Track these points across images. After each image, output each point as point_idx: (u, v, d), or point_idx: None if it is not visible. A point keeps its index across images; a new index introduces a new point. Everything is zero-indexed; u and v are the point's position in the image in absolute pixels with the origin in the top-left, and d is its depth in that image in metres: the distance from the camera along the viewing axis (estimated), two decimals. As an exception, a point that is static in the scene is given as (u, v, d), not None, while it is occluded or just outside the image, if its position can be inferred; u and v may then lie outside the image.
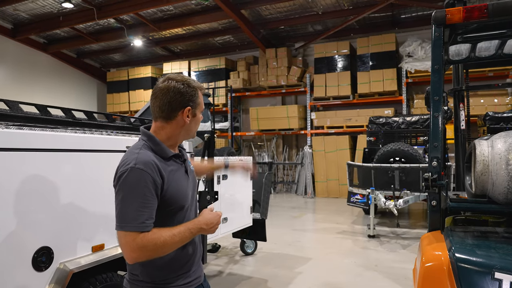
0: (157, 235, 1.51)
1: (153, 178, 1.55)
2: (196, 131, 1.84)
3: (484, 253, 1.69)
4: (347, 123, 11.91)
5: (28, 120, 2.25)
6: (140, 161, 1.56)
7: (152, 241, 1.50)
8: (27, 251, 2.07)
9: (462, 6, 2.76)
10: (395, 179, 6.82)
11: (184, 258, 1.71)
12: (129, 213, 1.50)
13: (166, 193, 1.60)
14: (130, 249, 1.49)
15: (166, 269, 1.65)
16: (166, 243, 1.52)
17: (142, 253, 1.51)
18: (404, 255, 5.60)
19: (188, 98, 1.68)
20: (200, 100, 1.75)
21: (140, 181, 1.53)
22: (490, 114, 8.23)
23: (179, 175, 1.71)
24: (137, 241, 1.49)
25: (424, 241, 1.99)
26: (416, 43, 10.96)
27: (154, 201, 1.56)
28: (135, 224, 1.49)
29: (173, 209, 1.65)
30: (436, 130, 2.13)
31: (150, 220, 1.53)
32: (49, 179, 2.20)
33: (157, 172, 1.57)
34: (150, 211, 1.54)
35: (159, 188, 1.57)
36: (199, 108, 1.74)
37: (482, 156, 1.92)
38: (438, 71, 2.28)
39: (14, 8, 12.15)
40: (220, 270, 4.98)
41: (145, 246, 1.49)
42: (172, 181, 1.65)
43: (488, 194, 1.98)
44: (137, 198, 1.52)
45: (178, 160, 1.75)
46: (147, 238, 1.50)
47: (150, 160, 1.58)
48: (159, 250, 1.52)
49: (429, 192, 2.06)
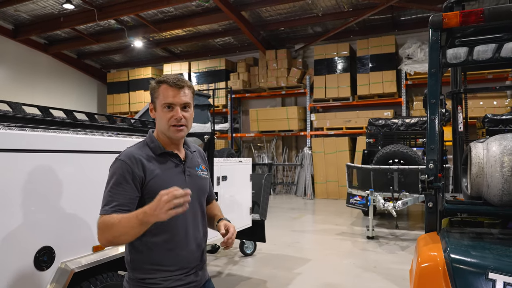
0: (108, 217, 1.57)
1: (131, 169, 1.64)
2: (170, 132, 1.74)
3: (478, 254, 1.72)
4: (347, 125, 11.93)
5: (31, 121, 2.28)
6: (124, 154, 1.69)
7: (105, 223, 1.57)
8: (29, 250, 2.10)
9: (460, 10, 2.79)
10: (394, 181, 6.85)
11: (175, 259, 1.72)
12: (105, 198, 1.63)
13: (147, 186, 1.66)
14: (97, 231, 1.60)
15: (154, 268, 1.68)
16: (113, 225, 1.55)
17: (100, 235, 1.59)
18: (403, 257, 5.62)
19: (151, 93, 1.80)
20: (159, 93, 1.74)
21: (118, 169, 1.64)
22: (489, 116, 8.25)
23: (170, 173, 1.74)
24: (98, 222, 1.59)
25: (420, 242, 2.01)
26: (416, 45, 10.99)
27: (131, 191, 1.63)
28: (106, 208, 1.60)
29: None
30: (432, 132, 2.15)
31: (123, 207, 1.60)
32: (51, 180, 2.23)
33: (139, 165, 1.66)
34: (123, 198, 1.61)
35: (138, 179, 1.65)
36: (158, 102, 1.76)
37: (478, 158, 1.95)
38: (435, 75, 2.31)
39: (15, 9, 12.18)
40: (219, 271, 5.00)
41: (99, 227, 1.58)
42: (158, 176, 1.69)
43: (483, 196, 2.01)
44: (113, 185, 1.63)
45: (174, 159, 1.78)
46: (103, 220, 1.58)
47: (133, 154, 1.68)
48: (108, 231, 1.56)
49: (425, 194, 2.09)
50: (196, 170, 1.86)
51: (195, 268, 1.79)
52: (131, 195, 1.63)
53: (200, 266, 1.82)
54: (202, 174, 1.89)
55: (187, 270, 1.74)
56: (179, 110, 1.72)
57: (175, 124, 1.73)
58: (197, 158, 1.92)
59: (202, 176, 1.88)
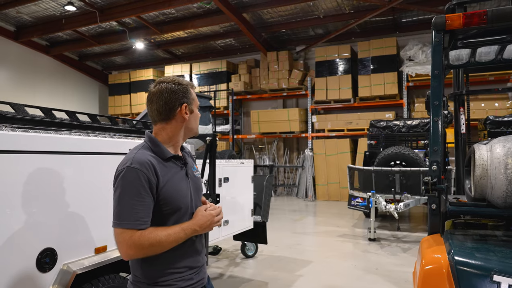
0: (153, 234, 1.56)
1: (147, 177, 1.59)
2: (198, 131, 1.87)
3: (483, 256, 1.71)
4: (348, 127, 11.93)
5: (33, 122, 2.28)
6: (136, 161, 1.61)
7: (148, 240, 1.55)
8: (32, 252, 2.10)
9: (462, 11, 2.79)
10: (395, 183, 6.83)
11: (186, 260, 1.73)
12: (125, 211, 1.56)
13: (161, 192, 1.63)
14: (127, 246, 1.54)
15: (167, 270, 1.67)
16: (161, 242, 1.57)
17: (138, 251, 1.56)
18: (405, 259, 5.61)
19: (182, 95, 1.74)
20: (194, 96, 1.81)
21: (135, 179, 1.57)
22: (490, 118, 8.24)
23: (178, 177, 1.73)
24: (133, 238, 1.54)
25: (424, 244, 2.01)
26: (417, 47, 10.99)
27: (150, 200, 1.60)
28: (131, 222, 1.55)
29: (170, 210, 1.67)
30: (436, 134, 2.15)
31: (145, 218, 1.58)
32: (54, 181, 2.23)
33: (152, 171, 1.62)
34: (146, 209, 1.58)
35: (154, 187, 1.61)
36: (194, 104, 1.80)
37: (481, 160, 1.94)
38: (438, 76, 2.31)
39: (17, 11, 12.22)
40: (221, 273, 4.99)
41: (141, 244, 1.54)
42: (169, 182, 1.67)
43: (487, 198, 2.00)
44: (132, 196, 1.56)
45: (178, 162, 1.77)
46: (143, 236, 1.54)
47: (145, 160, 1.62)
48: (154, 248, 1.57)
49: (429, 195, 2.08)
50: (193, 170, 1.87)
51: (202, 266, 1.82)
52: (151, 205, 1.61)
53: (204, 261, 1.86)
54: (197, 174, 1.91)
55: (196, 269, 1.77)
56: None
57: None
58: (190, 158, 1.93)
59: (198, 176, 1.91)
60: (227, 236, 4.44)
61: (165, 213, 1.67)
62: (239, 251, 5.74)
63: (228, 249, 6.07)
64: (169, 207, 1.67)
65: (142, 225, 1.56)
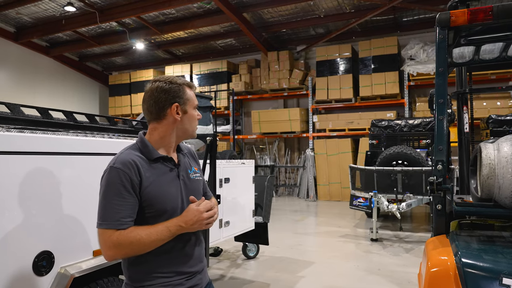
0: (133, 233, 1.53)
1: (130, 177, 1.56)
2: (196, 132, 1.80)
3: (491, 258, 1.66)
4: (349, 126, 11.88)
5: (29, 123, 2.24)
6: (119, 161, 1.60)
7: (128, 239, 1.51)
8: (28, 255, 2.05)
9: (465, 8, 2.74)
10: (397, 182, 6.79)
11: (174, 265, 1.66)
12: (106, 211, 1.54)
13: (144, 193, 1.60)
14: (106, 246, 1.52)
15: (152, 274, 1.63)
16: (142, 241, 1.52)
17: (117, 251, 1.53)
18: (407, 259, 5.56)
19: (173, 95, 1.69)
20: (189, 96, 1.73)
21: (116, 179, 1.55)
22: (493, 117, 8.19)
23: (165, 179, 1.68)
24: (112, 238, 1.51)
25: (429, 246, 1.96)
26: (418, 46, 10.94)
27: (132, 199, 1.57)
28: (110, 222, 1.52)
29: (154, 213, 1.63)
30: (441, 133, 2.10)
31: (127, 218, 1.55)
32: (50, 183, 2.19)
33: (136, 171, 1.59)
34: (127, 209, 1.55)
35: (137, 187, 1.58)
36: (189, 104, 1.73)
37: (488, 159, 1.90)
38: (443, 74, 2.26)
39: (17, 12, 12.19)
40: (222, 274, 4.95)
41: (120, 243, 1.51)
42: (154, 183, 1.63)
43: (494, 198, 1.95)
44: (113, 196, 1.54)
45: (168, 164, 1.72)
46: (123, 236, 1.51)
47: (129, 159, 1.60)
48: (134, 247, 1.53)
49: (434, 196, 2.03)
50: (189, 173, 1.80)
51: (196, 272, 1.74)
52: (133, 204, 1.58)
53: (200, 269, 1.77)
54: (195, 176, 1.83)
55: (188, 275, 1.70)
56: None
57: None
58: (189, 160, 1.86)
59: (195, 179, 1.82)
60: (228, 237, 4.40)
61: (149, 215, 1.62)
62: (240, 252, 5.70)
63: (229, 250, 6.03)
64: (153, 209, 1.62)
65: (123, 225, 1.53)
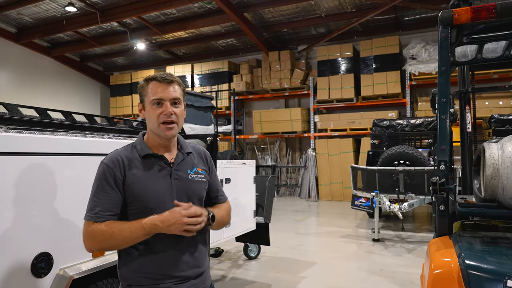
0: (107, 227, 1.55)
1: (114, 172, 1.61)
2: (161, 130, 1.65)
3: (495, 259, 1.63)
4: (351, 126, 11.85)
5: (28, 123, 2.22)
6: (108, 157, 1.66)
7: (101, 232, 1.54)
8: (26, 257, 2.03)
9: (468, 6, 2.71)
10: (399, 182, 6.76)
11: (162, 267, 1.63)
12: (89, 204, 1.61)
13: (128, 189, 1.62)
14: (85, 238, 1.57)
15: (138, 274, 1.63)
16: (114, 236, 1.54)
17: (92, 243, 1.57)
18: (410, 260, 5.53)
19: (139, 93, 1.75)
20: (147, 91, 1.69)
21: (102, 174, 1.62)
22: (495, 116, 8.15)
23: (153, 176, 1.66)
24: (89, 230, 1.56)
25: (432, 247, 1.93)
26: (420, 45, 10.89)
27: (114, 194, 1.60)
28: (90, 214, 1.58)
29: (138, 210, 1.63)
30: (443, 133, 2.07)
31: (106, 212, 1.58)
32: (49, 184, 2.17)
33: (121, 167, 1.63)
34: (107, 203, 1.59)
35: (120, 183, 1.61)
36: (146, 100, 1.70)
37: (492, 159, 1.87)
38: (445, 73, 2.23)
39: (18, 12, 12.19)
40: (223, 275, 4.93)
41: (94, 235, 1.55)
42: (139, 179, 1.63)
43: (498, 198, 1.92)
44: (96, 190, 1.61)
45: (160, 162, 1.69)
46: (97, 228, 1.55)
47: (116, 156, 1.65)
48: (107, 241, 1.55)
49: (437, 196, 2.01)
50: (188, 172, 1.74)
51: (188, 277, 1.67)
52: (115, 199, 1.61)
53: (195, 275, 1.70)
54: (196, 177, 1.75)
55: (177, 279, 1.64)
56: (168, 105, 1.67)
57: (165, 120, 1.65)
58: (193, 160, 1.79)
59: (195, 179, 1.75)
60: (229, 237, 4.37)
61: (132, 212, 1.63)
62: (242, 252, 5.68)
63: (230, 250, 6.01)
64: (137, 205, 1.63)
65: (100, 218, 1.57)
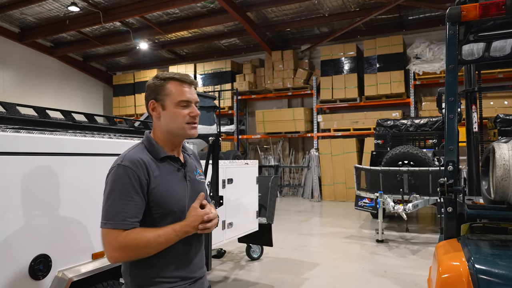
0: (140, 235, 1.46)
1: (138, 176, 1.51)
2: (187, 130, 1.64)
3: (506, 264, 1.58)
4: (354, 126, 11.78)
5: (26, 123, 2.18)
6: (127, 159, 1.54)
7: (135, 241, 1.45)
8: (24, 259, 2.00)
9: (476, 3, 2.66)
10: (404, 183, 6.69)
11: (178, 269, 1.61)
12: (112, 210, 1.47)
13: (152, 193, 1.54)
14: (112, 247, 1.45)
15: (155, 279, 1.57)
16: (149, 244, 1.46)
17: (123, 253, 1.46)
18: (414, 261, 5.47)
19: (150, 91, 1.66)
20: (169, 91, 1.62)
21: (124, 178, 1.49)
22: (501, 116, 8.08)
23: (173, 179, 1.63)
24: (119, 239, 1.44)
25: (440, 250, 1.87)
26: (424, 44, 10.81)
27: (139, 199, 1.51)
28: (117, 222, 1.45)
29: (161, 213, 1.57)
30: (451, 132, 2.02)
31: (133, 219, 1.48)
32: (48, 184, 2.13)
33: (144, 170, 1.53)
34: (134, 208, 1.49)
35: (144, 187, 1.52)
36: (169, 100, 1.61)
37: (503, 160, 1.81)
38: (453, 71, 2.18)
39: (21, 12, 12.21)
40: (226, 276, 4.89)
41: (127, 245, 1.44)
42: (162, 183, 1.58)
43: (509, 200, 1.86)
44: (120, 194, 1.48)
45: (174, 163, 1.67)
46: (130, 237, 1.45)
47: (137, 158, 1.54)
48: (141, 250, 1.47)
49: (444, 198, 1.95)
50: (195, 174, 1.76)
51: (198, 278, 1.69)
52: (141, 204, 1.51)
53: (202, 275, 1.72)
54: (200, 178, 1.79)
55: (191, 280, 1.65)
56: (194, 106, 1.65)
57: (191, 121, 1.63)
58: (193, 162, 1.81)
59: (201, 181, 1.79)
60: (231, 238, 4.33)
61: (156, 216, 1.57)
62: (244, 253, 5.63)
63: (232, 251, 5.97)
64: (161, 209, 1.57)
65: (129, 226, 1.46)
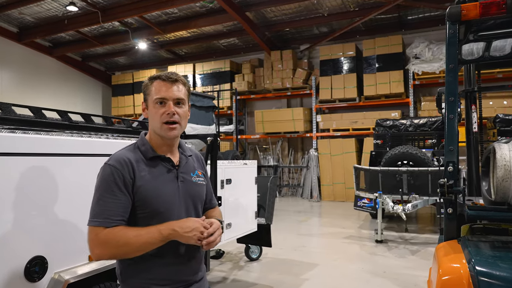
0: (121, 233, 1.46)
1: (122, 174, 1.52)
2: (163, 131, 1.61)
3: (507, 266, 1.56)
4: (353, 126, 11.77)
5: (22, 123, 2.16)
6: (113, 158, 1.57)
7: (115, 238, 1.45)
8: (19, 261, 1.97)
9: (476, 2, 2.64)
10: (403, 183, 6.68)
11: (168, 272, 1.59)
12: (97, 209, 1.49)
13: (137, 192, 1.54)
14: (93, 244, 1.46)
15: (144, 280, 1.56)
16: (129, 242, 1.45)
17: (104, 250, 1.46)
18: (413, 261, 5.45)
19: (143, 92, 1.69)
20: (151, 90, 1.63)
21: (109, 176, 1.52)
22: (500, 116, 8.07)
23: (161, 179, 1.61)
24: (99, 236, 1.45)
25: (440, 252, 1.85)
26: (423, 44, 10.80)
27: (124, 197, 1.51)
28: (99, 219, 1.47)
29: (147, 214, 1.56)
30: (451, 133, 2.00)
31: (117, 217, 1.49)
32: (44, 185, 2.11)
33: (129, 169, 1.54)
34: (118, 207, 1.49)
35: (129, 185, 1.53)
36: (150, 99, 1.64)
37: (504, 160, 1.79)
38: (453, 71, 2.16)
39: (19, 12, 12.17)
40: (224, 276, 4.87)
41: (107, 242, 1.45)
42: (148, 182, 1.57)
43: (509, 201, 1.85)
44: (104, 193, 1.50)
45: (166, 164, 1.65)
46: (110, 234, 1.45)
47: (123, 157, 1.56)
48: (121, 248, 1.46)
49: (445, 199, 1.93)
50: (191, 175, 1.73)
51: (193, 282, 1.66)
52: (125, 203, 1.52)
53: (198, 279, 1.69)
54: (198, 180, 1.75)
55: (183, 283, 1.62)
56: (171, 105, 1.61)
57: (168, 120, 1.60)
58: (193, 163, 1.78)
59: (198, 183, 1.75)
60: (230, 239, 4.31)
61: (142, 216, 1.56)
62: (243, 254, 5.61)
63: (231, 252, 5.94)
64: (147, 209, 1.56)
65: (111, 223, 1.47)
